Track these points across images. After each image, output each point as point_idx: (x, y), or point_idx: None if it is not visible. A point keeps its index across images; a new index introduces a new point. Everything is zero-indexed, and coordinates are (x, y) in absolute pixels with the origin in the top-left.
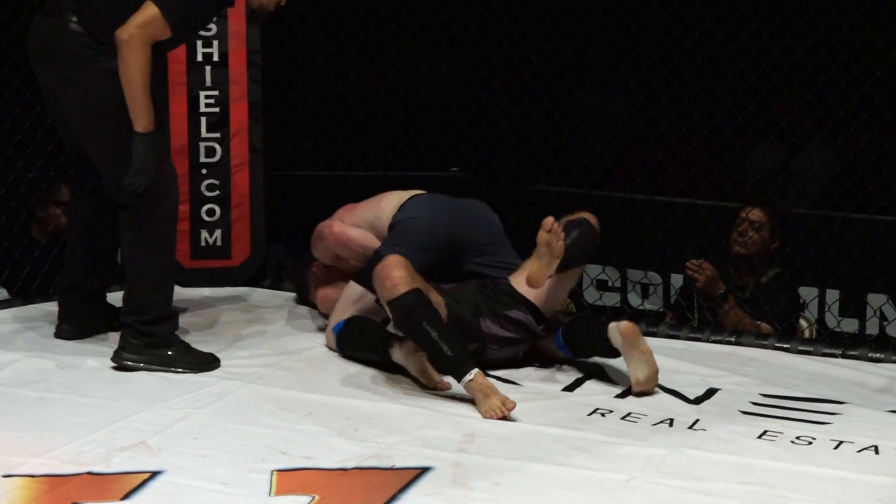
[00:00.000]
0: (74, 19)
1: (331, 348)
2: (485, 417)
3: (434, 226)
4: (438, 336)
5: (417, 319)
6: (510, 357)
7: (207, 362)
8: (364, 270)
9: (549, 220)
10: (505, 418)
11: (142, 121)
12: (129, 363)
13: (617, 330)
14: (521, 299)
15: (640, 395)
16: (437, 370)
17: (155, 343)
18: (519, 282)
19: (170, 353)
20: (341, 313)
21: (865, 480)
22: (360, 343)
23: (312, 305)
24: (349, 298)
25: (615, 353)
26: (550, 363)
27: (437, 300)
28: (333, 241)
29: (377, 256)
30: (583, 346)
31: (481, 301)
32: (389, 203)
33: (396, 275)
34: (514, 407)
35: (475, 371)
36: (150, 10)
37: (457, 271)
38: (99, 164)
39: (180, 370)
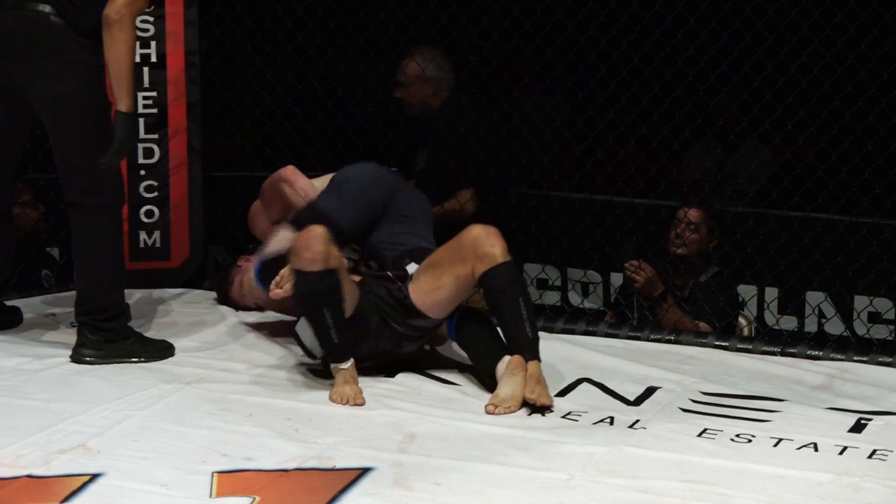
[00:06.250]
0: (53, 11)
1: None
2: (331, 399)
3: (373, 182)
4: (333, 325)
5: (319, 303)
6: (417, 347)
7: (164, 349)
8: (300, 217)
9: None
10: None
11: (127, 100)
12: (90, 359)
13: (505, 363)
14: (419, 312)
15: (493, 412)
16: (322, 349)
17: (114, 337)
18: (416, 289)
19: (127, 345)
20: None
21: (805, 477)
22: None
23: (231, 304)
24: (284, 239)
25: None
26: None
27: (351, 289)
28: (283, 175)
29: (312, 206)
30: (471, 350)
31: (384, 308)
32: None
33: (316, 249)
34: (362, 404)
35: (351, 362)
36: None
37: (375, 232)
38: (63, 159)
39: (141, 360)
